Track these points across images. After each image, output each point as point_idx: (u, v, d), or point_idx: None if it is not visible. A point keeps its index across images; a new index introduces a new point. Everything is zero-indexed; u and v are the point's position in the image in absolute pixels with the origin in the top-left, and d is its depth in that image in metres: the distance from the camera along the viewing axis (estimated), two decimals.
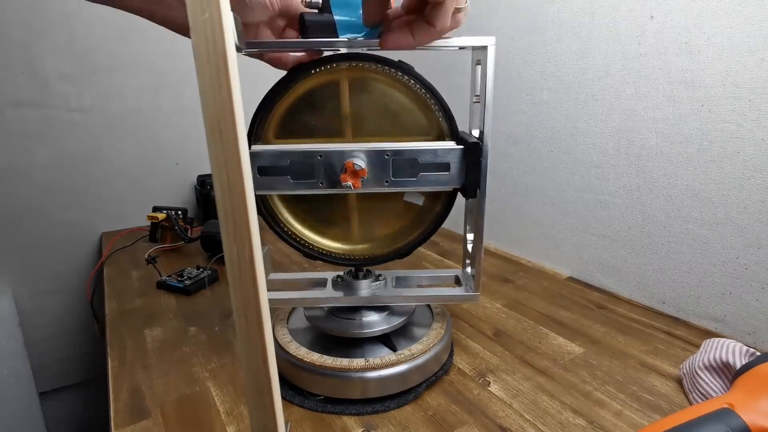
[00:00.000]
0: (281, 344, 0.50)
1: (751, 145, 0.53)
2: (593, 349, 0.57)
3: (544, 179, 0.80)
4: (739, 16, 0.52)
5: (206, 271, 0.78)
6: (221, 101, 0.22)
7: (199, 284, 0.75)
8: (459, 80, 0.92)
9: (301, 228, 0.50)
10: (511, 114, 0.83)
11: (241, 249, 0.24)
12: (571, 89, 0.72)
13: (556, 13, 0.72)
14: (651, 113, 0.62)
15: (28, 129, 0.93)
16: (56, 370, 1.05)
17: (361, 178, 0.43)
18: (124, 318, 0.67)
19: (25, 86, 0.91)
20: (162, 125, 1.06)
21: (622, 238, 0.69)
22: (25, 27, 0.89)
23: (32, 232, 0.97)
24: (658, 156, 0.63)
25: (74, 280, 1.03)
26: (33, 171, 0.94)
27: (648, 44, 0.61)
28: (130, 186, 1.06)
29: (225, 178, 0.23)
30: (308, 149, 0.44)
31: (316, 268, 0.82)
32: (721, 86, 0.55)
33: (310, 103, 0.45)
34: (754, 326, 0.56)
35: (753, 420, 0.35)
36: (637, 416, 0.45)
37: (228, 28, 0.21)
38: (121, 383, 0.52)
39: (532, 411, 0.46)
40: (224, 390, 0.50)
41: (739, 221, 0.56)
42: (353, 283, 0.52)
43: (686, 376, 0.49)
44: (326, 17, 0.40)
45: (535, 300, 0.69)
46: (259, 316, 0.25)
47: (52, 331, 1.03)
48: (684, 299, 0.63)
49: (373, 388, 0.47)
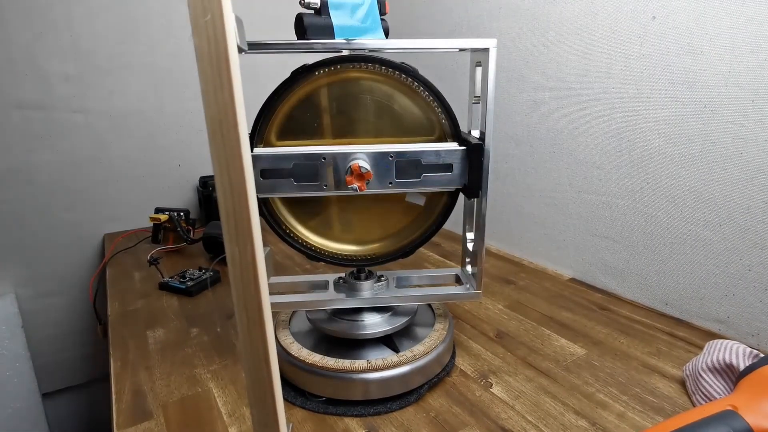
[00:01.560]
0: (283, 345, 0.50)
1: (753, 146, 0.53)
2: (596, 350, 0.56)
3: (546, 180, 0.80)
4: (742, 16, 0.52)
5: (208, 272, 0.78)
6: (223, 102, 0.22)
7: (201, 285, 0.75)
8: (460, 81, 0.92)
9: (302, 229, 0.50)
10: (512, 115, 0.83)
11: (243, 250, 0.24)
12: (573, 90, 0.72)
13: (557, 14, 0.72)
14: (653, 114, 0.62)
15: (31, 130, 0.93)
16: (59, 372, 1.05)
17: (366, 180, 0.43)
18: (127, 319, 0.67)
19: (29, 88, 0.91)
20: (164, 126, 1.06)
21: (624, 239, 0.69)
22: (28, 29, 0.89)
23: (35, 234, 0.97)
24: (660, 157, 0.62)
25: (76, 281, 1.03)
26: (35, 172, 0.95)
27: (650, 45, 0.61)
28: (133, 187, 1.06)
29: (227, 179, 0.23)
30: (312, 152, 0.44)
31: (318, 269, 0.82)
32: (724, 87, 0.55)
33: (312, 105, 0.45)
34: (757, 327, 0.56)
35: (757, 422, 0.35)
36: (640, 418, 0.45)
37: (230, 29, 0.21)
38: (124, 384, 0.52)
39: (534, 413, 0.46)
40: (226, 391, 0.50)
41: (742, 222, 0.56)
42: (355, 284, 0.52)
43: (689, 378, 0.49)
44: (324, 19, 0.40)
45: (537, 301, 0.69)
46: (261, 317, 0.25)
47: (55, 332, 1.03)
48: (687, 300, 0.63)
49: (375, 390, 0.47)
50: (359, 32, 0.41)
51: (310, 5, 0.41)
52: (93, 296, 1.00)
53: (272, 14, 1.13)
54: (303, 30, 0.40)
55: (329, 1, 0.41)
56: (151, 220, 0.93)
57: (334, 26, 0.41)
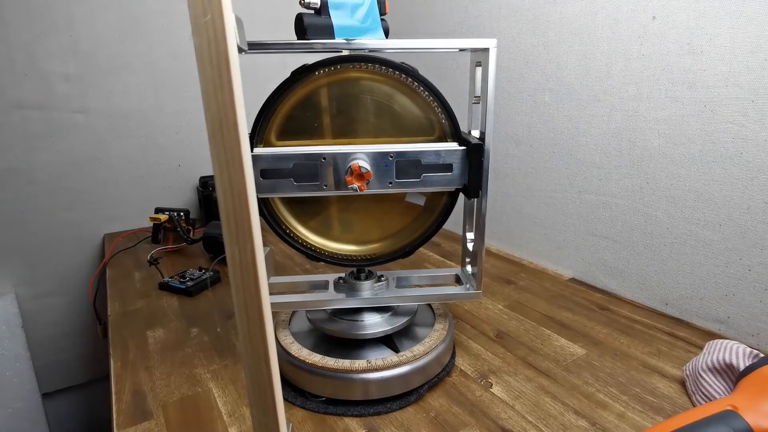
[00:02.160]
0: (283, 345, 0.50)
1: (753, 146, 0.53)
2: (596, 350, 0.56)
3: (546, 180, 0.80)
4: (742, 16, 0.52)
5: (208, 272, 0.78)
6: (223, 102, 0.22)
7: (201, 285, 0.75)
8: (460, 81, 0.92)
9: (302, 229, 0.50)
10: (512, 115, 0.83)
11: (243, 250, 0.24)
12: (573, 90, 0.72)
13: (558, 15, 0.72)
14: (653, 114, 0.62)
15: (31, 130, 0.93)
16: (59, 372, 1.05)
17: (366, 181, 0.43)
18: (127, 319, 0.67)
19: (29, 88, 0.91)
20: (164, 126, 1.06)
21: (624, 239, 0.69)
22: (28, 29, 0.89)
23: (35, 234, 0.97)
24: (660, 157, 0.62)
25: (77, 281, 1.03)
26: (36, 172, 0.95)
27: (650, 45, 0.61)
28: (133, 187, 1.06)
29: (227, 179, 0.23)
30: (312, 152, 0.44)
31: (318, 269, 0.82)
32: (724, 87, 0.55)
33: (312, 105, 0.45)
34: (757, 327, 0.56)
35: (757, 422, 0.35)
36: (640, 418, 0.45)
37: (230, 29, 0.21)
38: (124, 384, 0.52)
39: (534, 413, 0.46)
40: (226, 391, 0.50)
41: (742, 222, 0.56)
42: (355, 284, 0.52)
43: (689, 378, 0.49)
44: (324, 19, 0.40)
45: (537, 301, 0.69)
46: (261, 317, 0.25)
47: (55, 332, 1.03)
48: (687, 300, 0.63)
49: (374, 390, 0.47)
50: (359, 32, 0.41)
51: (310, 5, 0.41)
52: (93, 296, 1.00)
53: (272, 14, 1.13)
54: (303, 30, 0.40)
55: (329, 1, 0.41)
56: (151, 220, 0.93)
57: (334, 26, 0.41)
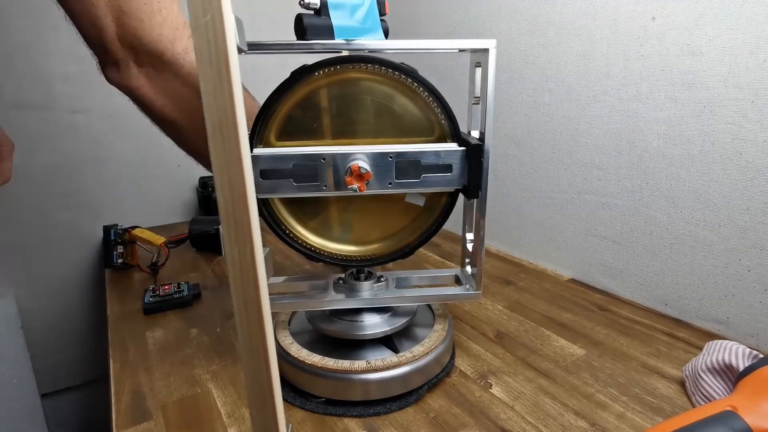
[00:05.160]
0: (283, 346, 0.50)
1: (753, 147, 0.53)
2: (595, 351, 0.56)
3: (546, 181, 0.80)
4: (741, 17, 0.52)
5: (190, 290, 0.72)
6: (223, 102, 0.22)
7: (183, 302, 0.70)
8: (460, 81, 0.92)
9: (302, 230, 0.50)
10: (512, 115, 0.83)
11: (243, 251, 0.24)
12: (572, 91, 0.72)
13: (557, 15, 0.72)
14: (653, 115, 0.62)
15: (30, 130, 0.93)
16: (58, 372, 1.05)
17: (365, 181, 0.43)
18: (126, 319, 0.67)
19: (28, 88, 0.91)
20: None
21: (624, 239, 0.69)
22: (28, 29, 0.89)
23: (34, 234, 0.97)
24: (660, 157, 0.62)
25: (77, 281, 1.03)
26: (35, 172, 0.95)
27: (649, 46, 0.61)
28: (132, 187, 1.06)
29: (226, 180, 0.23)
30: (311, 152, 0.44)
31: (318, 269, 0.82)
32: (723, 88, 0.55)
33: (312, 106, 0.45)
34: (757, 328, 0.56)
35: (756, 423, 0.35)
36: (640, 418, 0.45)
37: (230, 29, 0.21)
38: (123, 385, 0.52)
39: (534, 413, 0.46)
40: (226, 392, 0.50)
41: (742, 223, 0.56)
42: (355, 284, 0.52)
43: (689, 379, 0.49)
44: (323, 20, 0.40)
45: (537, 302, 0.69)
46: (261, 318, 0.25)
47: (54, 332, 1.03)
48: (686, 301, 0.63)
49: (374, 390, 0.47)
50: (359, 33, 0.41)
51: (309, 5, 0.41)
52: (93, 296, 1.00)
53: (272, 14, 1.13)
54: (303, 30, 0.40)
55: (329, 2, 0.41)
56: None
57: (333, 27, 0.41)
